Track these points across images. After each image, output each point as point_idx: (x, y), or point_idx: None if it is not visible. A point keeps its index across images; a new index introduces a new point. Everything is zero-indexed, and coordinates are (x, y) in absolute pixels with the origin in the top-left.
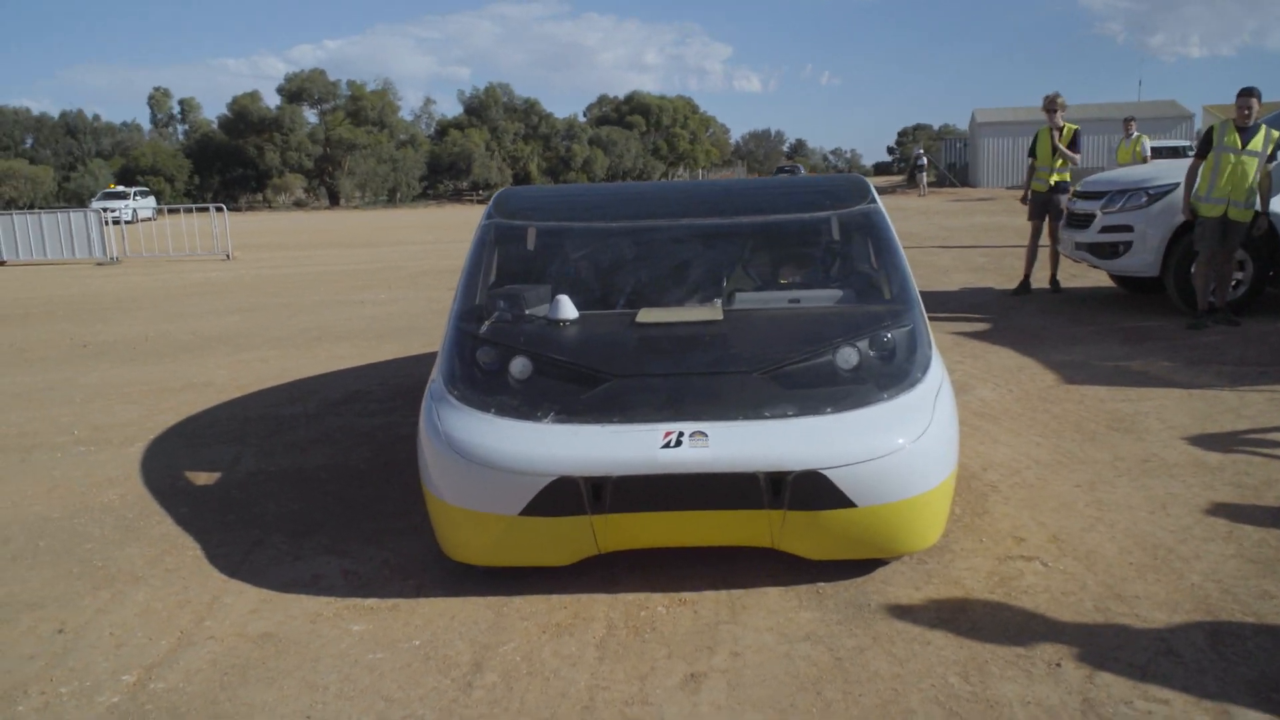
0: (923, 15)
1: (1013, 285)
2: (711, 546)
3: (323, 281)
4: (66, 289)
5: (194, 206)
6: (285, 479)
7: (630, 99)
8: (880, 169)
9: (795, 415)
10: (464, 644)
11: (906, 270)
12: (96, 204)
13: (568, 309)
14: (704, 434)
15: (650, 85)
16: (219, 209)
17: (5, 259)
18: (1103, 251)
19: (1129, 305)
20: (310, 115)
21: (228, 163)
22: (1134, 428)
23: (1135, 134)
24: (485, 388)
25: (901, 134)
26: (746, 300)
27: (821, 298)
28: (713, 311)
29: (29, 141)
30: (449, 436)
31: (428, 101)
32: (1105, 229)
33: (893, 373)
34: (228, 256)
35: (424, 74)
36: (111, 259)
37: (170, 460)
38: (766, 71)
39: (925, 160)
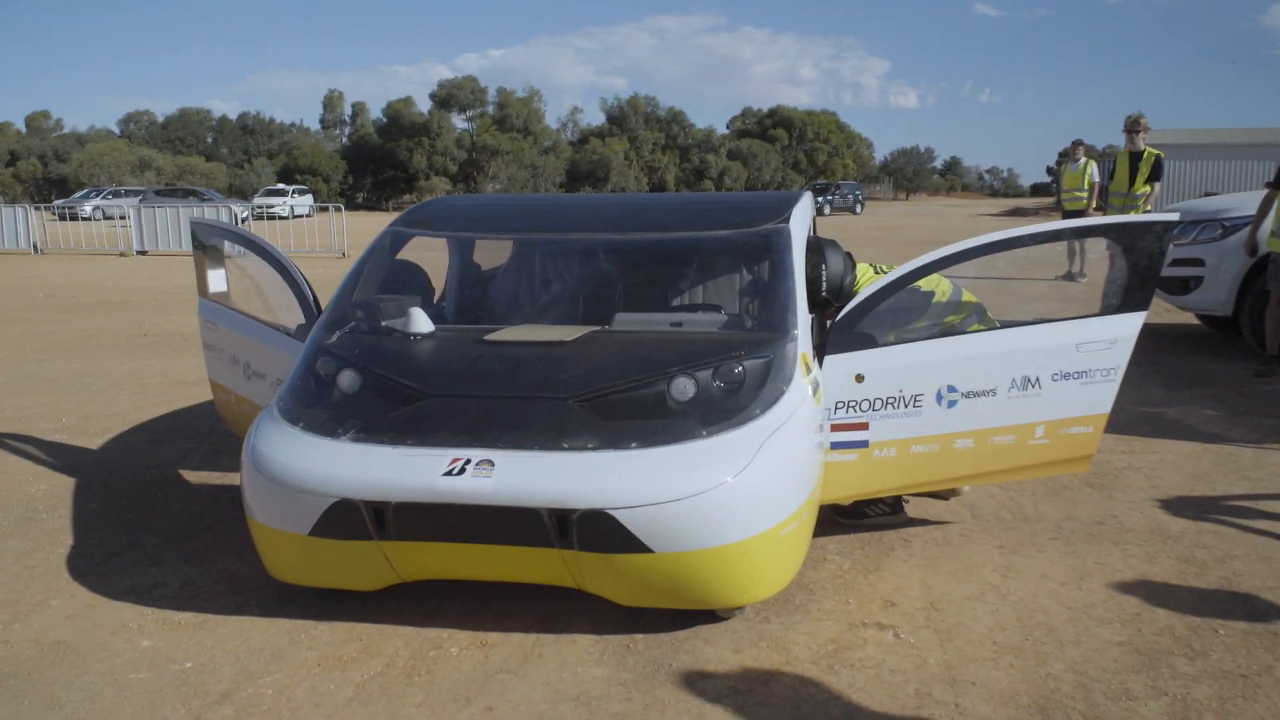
0: (1091, 32)
1: None
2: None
3: None
4: (179, 279)
5: (326, 206)
6: (210, 480)
7: (774, 112)
8: (1038, 190)
9: (595, 448)
10: (231, 670)
11: (794, 296)
12: (258, 200)
13: (420, 322)
14: (491, 462)
15: (804, 99)
16: (337, 209)
17: (146, 249)
18: (1171, 286)
19: (1200, 345)
20: (460, 121)
21: (380, 165)
22: (1111, 484)
23: (1082, 160)
24: (307, 401)
25: (1061, 154)
26: (621, 322)
27: (702, 322)
28: (564, 332)
29: (210, 139)
30: (253, 450)
31: (574, 110)
32: (1175, 262)
33: (726, 407)
34: (344, 254)
35: (581, 84)
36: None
37: (123, 454)
38: (924, 87)
39: None
